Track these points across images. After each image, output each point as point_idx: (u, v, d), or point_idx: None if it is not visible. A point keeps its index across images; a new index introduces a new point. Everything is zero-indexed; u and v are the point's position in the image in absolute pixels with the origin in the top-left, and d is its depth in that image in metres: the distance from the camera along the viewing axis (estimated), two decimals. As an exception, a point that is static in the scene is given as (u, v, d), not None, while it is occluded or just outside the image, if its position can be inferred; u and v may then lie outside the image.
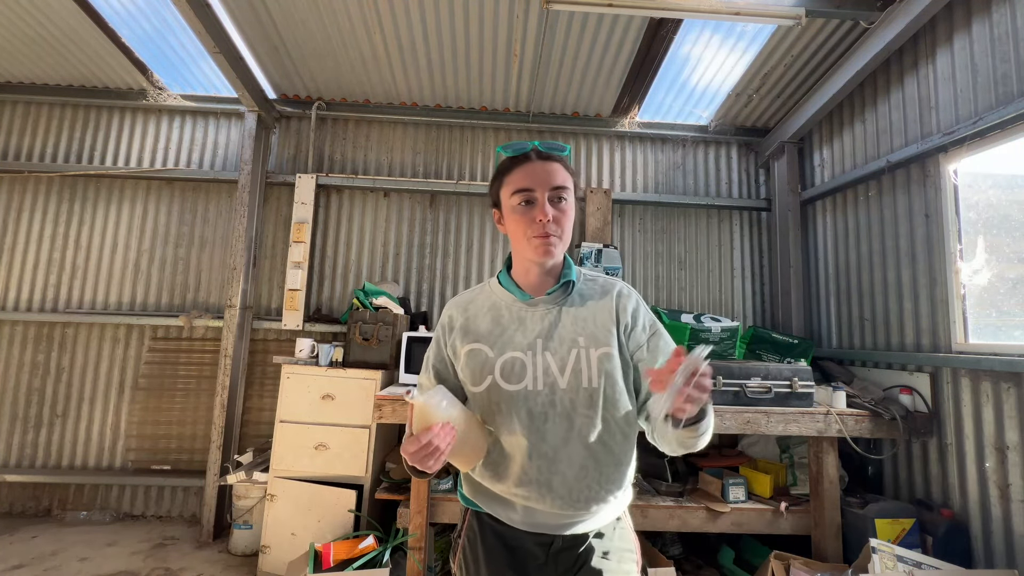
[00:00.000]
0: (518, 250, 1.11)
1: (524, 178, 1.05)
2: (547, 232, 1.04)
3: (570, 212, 1.08)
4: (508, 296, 1.13)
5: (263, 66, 3.43)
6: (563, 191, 1.06)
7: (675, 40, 2.99)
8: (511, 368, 1.05)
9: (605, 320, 1.10)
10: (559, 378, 1.04)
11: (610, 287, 1.16)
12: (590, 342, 1.06)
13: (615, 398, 1.05)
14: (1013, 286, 2.34)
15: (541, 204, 1.03)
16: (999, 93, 2.26)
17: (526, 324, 1.09)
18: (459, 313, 1.16)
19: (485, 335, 1.10)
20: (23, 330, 3.58)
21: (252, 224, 3.56)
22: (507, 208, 1.09)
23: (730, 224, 3.96)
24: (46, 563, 2.78)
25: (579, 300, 1.12)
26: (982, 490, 2.27)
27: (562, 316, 1.10)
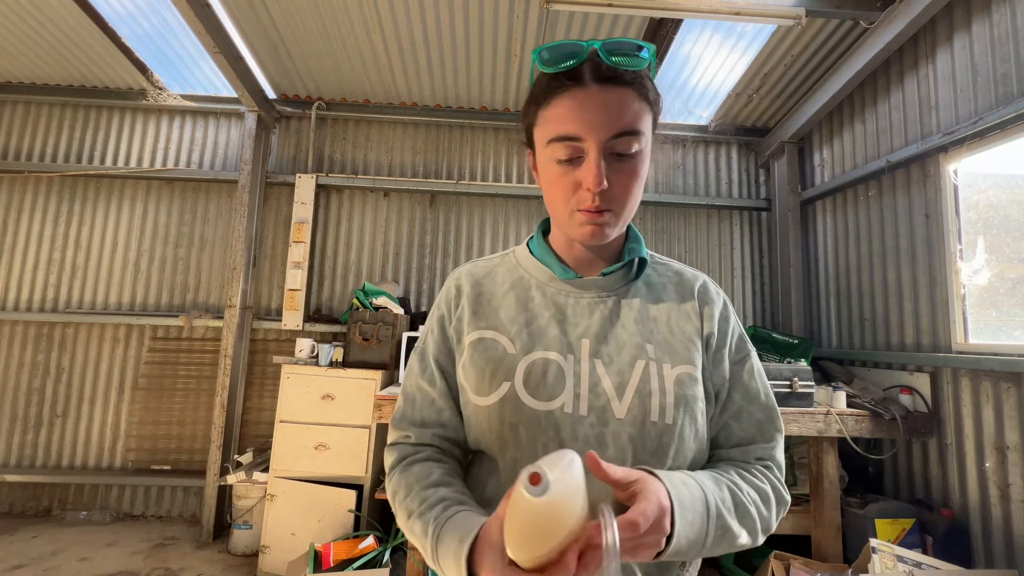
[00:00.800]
0: (557, 223, 0.76)
1: (569, 116, 0.67)
2: (598, 207, 0.68)
3: (641, 170, 0.70)
4: (543, 271, 0.79)
5: (263, 66, 3.43)
6: (633, 139, 0.67)
7: (675, 40, 2.99)
8: (541, 374, 0.69)
9: (685, 326, 0.76)
10: (614, 401, 0.68)
11: (692, 280, 0.82)
12: (664, 354, 0.72)
13: (690, 446, 0.70)
14: (1013, 286, 2.34)
15: (593, 163, 0.66)
16: (999, 93, 2.26)
17: (567, 315, 0.74)
18: (469, 284, 0.81)
19: (504, 322, 0.75)
20: (23, 330, 3.58)
21: (252, 224, 3.56)
22: (542, 159, 0.72)
23: (730, 224, 3.96)
24: (46, 563, 2.78)
25: (647, 291, 0.78)
26: (982, 490, 2.27)
27: (622, 310, 0.75)
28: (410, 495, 0.71)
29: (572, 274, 0.76)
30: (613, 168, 0.67)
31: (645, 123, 0.69)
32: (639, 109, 0.68)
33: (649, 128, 0.71)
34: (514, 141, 3.95)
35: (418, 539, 0.68)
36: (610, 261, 0.79)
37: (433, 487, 0.70)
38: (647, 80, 0.70)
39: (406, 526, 0.71)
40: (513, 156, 3.94)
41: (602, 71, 0.67)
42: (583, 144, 0.67)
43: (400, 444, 0.79)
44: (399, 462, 0.77)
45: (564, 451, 0.50)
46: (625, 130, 0.66)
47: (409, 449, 0.77)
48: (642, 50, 0.68)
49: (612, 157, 0.67)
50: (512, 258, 0.85)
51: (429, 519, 0.66)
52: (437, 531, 0.64)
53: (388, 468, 0.78)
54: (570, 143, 0.67)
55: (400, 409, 0.81)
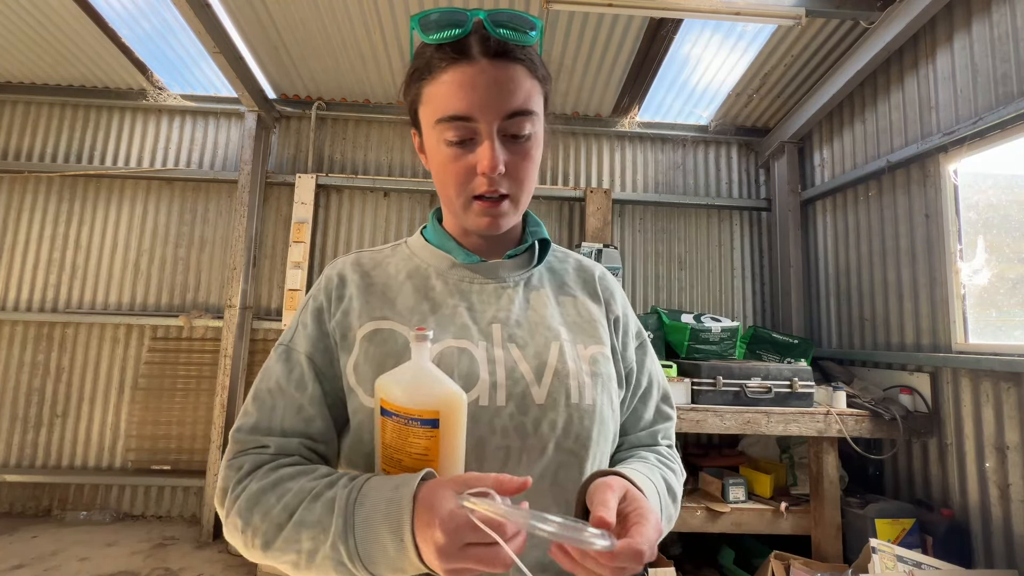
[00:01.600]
0: (451, 210, 0.69)
1: (458, 95, 0.60)
2: (496, 191, 0.63)
3: (535, 154, 0.65)
4: (442, 258, 0.72)
5: (263, 66, 3.43)
6: (526, 120, 0.62)
7: (675, 40, 2.99)
8: (453, 366, 0.62)
9: (592, 310, 0.74)
10: (533, 386, 0.63)
11: (591, 266, 0.81)
12: (576, 335, 0.70)
13: (609, 426, 0.67)
14: (1013, 286, 2.34)
15: (487, 146, 0.61)
16: (999, 93, 2.26)
17: (473, 301, 0.68)
18: (356, 273, 0.71)
19: (403, 312, 0.66)
20: (23, 330, 3.58)
21: (252, 224, 3.56)
22: (430, 141, 0.66)
23: (730, 224, 3.96)
24: (46, 563, 2.78)
25: (551, 276, 0.76)
26: (982, 490, 2.27)
27: (530, 294, 0.72)
28: (289, 492, 0.55)
29: (475, 258, 0.70)
30: (508, 151, 0.62)
31: (538, 103, 0.65)
32: (531, 88, 0.63)
33: (542, 109, 0.67)
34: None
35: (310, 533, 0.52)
36: (510, 245, 0.75)
37: (329, 475, 0.57)
38: (536, 57, 0.66)
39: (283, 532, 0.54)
40: (513, 156, 3.93)
41: (491, 45, 0.61)
42: (475, 125, 0.61)
43: (251, 454, 0.62)
44: (254, 470, 0.60)
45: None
46: (519, 109, 0.61)
47: (267, 457, 0.61)
48: (532, 26, 0.63)
49: (506, 139, 0.62)
50: (405, 248, 0.76)
51: (335, 494, 0.53)
52: (351, 497, 0.51)
53: (231, 485, 0.59)
54: (461, 123, 0.61)
55: (250, 418, 0.64)
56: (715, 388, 2.54)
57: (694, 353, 2.86)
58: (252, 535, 0.56)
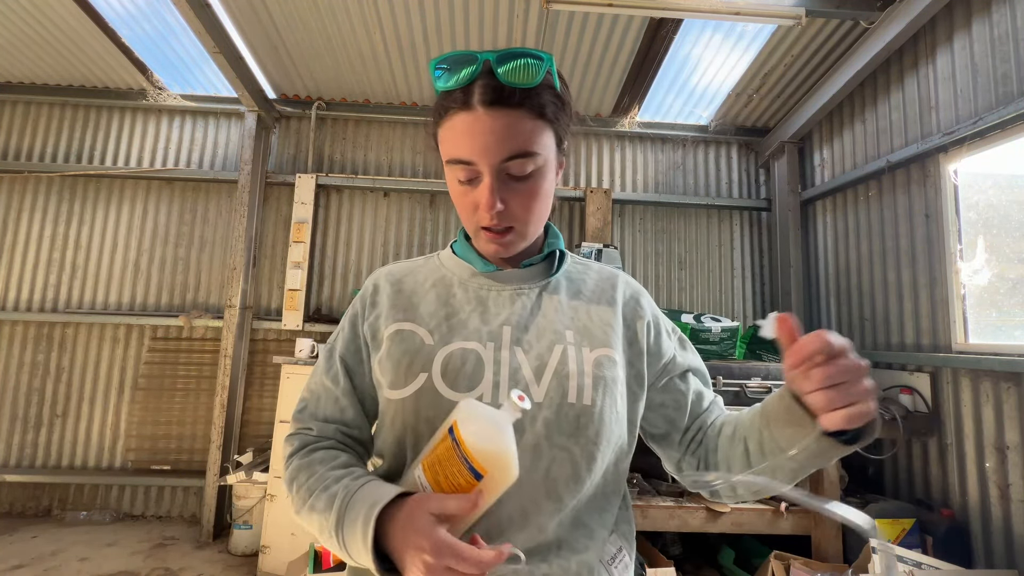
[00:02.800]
0: (467, 231, 0.78)
1: (461, 141, 0.67)
2: (498, 226, 0.70)
3: (540, 188, 0.70)
4: (464, 267, 0.79)
5: (263, 66, 3.43)
6: (527, 161, 0.66)
7: (675, 40, 2.99)
8: (460, 364, 0.69)
9: (605, 315, 0.77)
10: (532, 386, 0.68)
11: (611, 273, 0.84)
12: (583, 339, 0.73)
13: (611, 428, 0.70)
14: (1013, 286, 2.34)
15: (486, 187, 0.67)
16: (999, 93, 2.26)
17: (488, 306, 0.75)
18: (388, 282, 0.81)
19: (424, 315, 0.75)
20: (23, 330, 3.58)
21: (252, 224, 3.56)
22: (447, 172, 0.73)
23: (730, 224, 3.96)
24: (46, 563, 2.78)
25: (567, 285, 0.80)
26: (982, 490, 2.27)
27: (543, 301, 0.76)
28: (313, 476, 0.68)
29: (492, 267, 0.78)
30: (510, 188, 0.68)
31: (540, 142, 0.68)
32: (532, 128, 0.67)
33: (548, 145, 0.69)
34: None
35: (318, 518, 0.64)
36: (529, 255, 0.81)
37: (342, 467, 0.69)
38: (543, 95, 0.68)
39: (306, 507, 0.67)
40: (513, 156, 3.94)
41: (488, 94, 0.65)
42: (477, 167, 0.67)
43: (301, 434, 0.77)
44: (300, 449, 0.75)
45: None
46: (516, 153, 0.66)
47: (311, 439, 0.76)
48: (540, 61, 0.66)
49: (508, 178, 0.68)
50: (435, 260, 0.85)
51: (336, 491, 0.64)
52: (345, 500, 0.62)
53: (287, 456, 0.76)
54: (464, 166, 0.68)
55: (303, 404, 0.80)
56: (715, 388, 2.54)
57: (694, 353, 2.86)
58: (292, 502, 0.71)
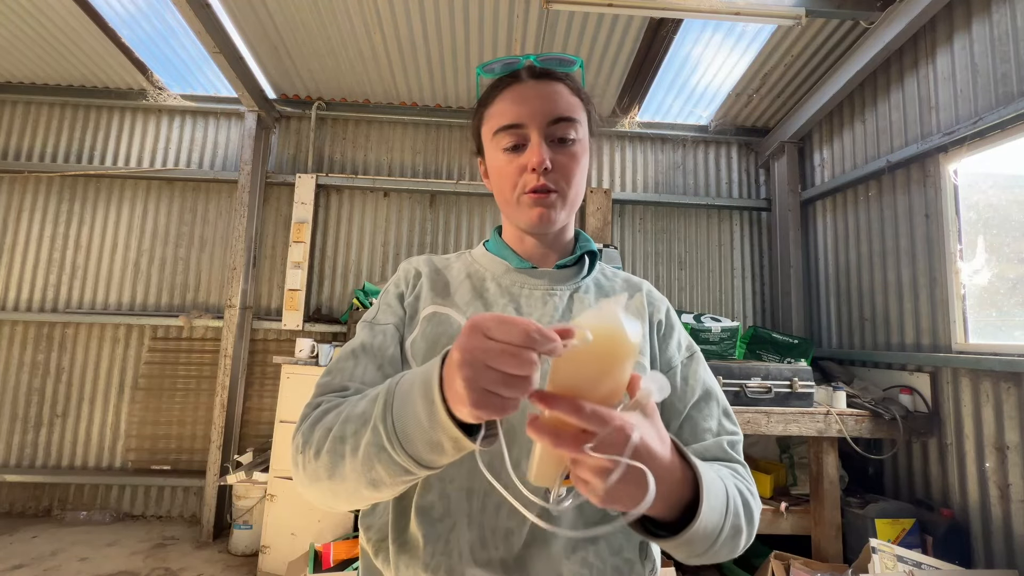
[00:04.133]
0: (507, 214, 0.78)
1: (511, 108, 0.73)
2: (544, 185, 0.72)
3: (581, 157, 0.75)
4: (498, 263, 0.81)
5: (263, 66, 3.43)
6: (570, 126, 0.73)
7: (675, 40, 2.99)
8: None
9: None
10: None
11: (638, 282, 0.87)
12: None
13: None
14: (1013, 286, 2.34)
15: (536, 144, 0.71)
16: (999, 93, 2.26)
17: (520, 304, 0.76)
18: (427, 268, 0.81)
19: (459, 303, 0.76)
20: (23, 330, 3.58)
21: (252, 224, 3.56)
22: (490, 154, 0.77)
23: (730, 224, 3.96)
24: (46, 563, 2.78)
25: (596, 290, 0.81)
26: (982, 490, 2.27)
27: (574, 304, 0.77)
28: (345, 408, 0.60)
29: (527, 263, 0.79)
30: (555, 151, 0.73)
31: (580, 115, 0.75)
32: (573, 101, 0.75)
33: (585, 123, 0.77)
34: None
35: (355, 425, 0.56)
36: (561, 255, 0.82)
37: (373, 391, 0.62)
38: (577, 82, 0.79)
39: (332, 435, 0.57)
40: (513, 156, 3.93)
41: (534, 71, 0.76)
42: (525, 131, 0.72)
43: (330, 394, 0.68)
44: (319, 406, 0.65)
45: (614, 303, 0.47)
46: (562, 116, 0.72)
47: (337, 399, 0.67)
48: (572, 62, 0.78)
49: (553, 144, 0.73)
50: (468, 256, 0.86)
51: (380, 389, 0.57)
52: (394, 382, 0.55)
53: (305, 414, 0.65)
54: (514, 131, 0.73)
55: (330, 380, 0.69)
56: (715, 388, 2.54)
57: (694, 353, 2.86)
58: (309, 449, 0.60)
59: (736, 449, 0.75)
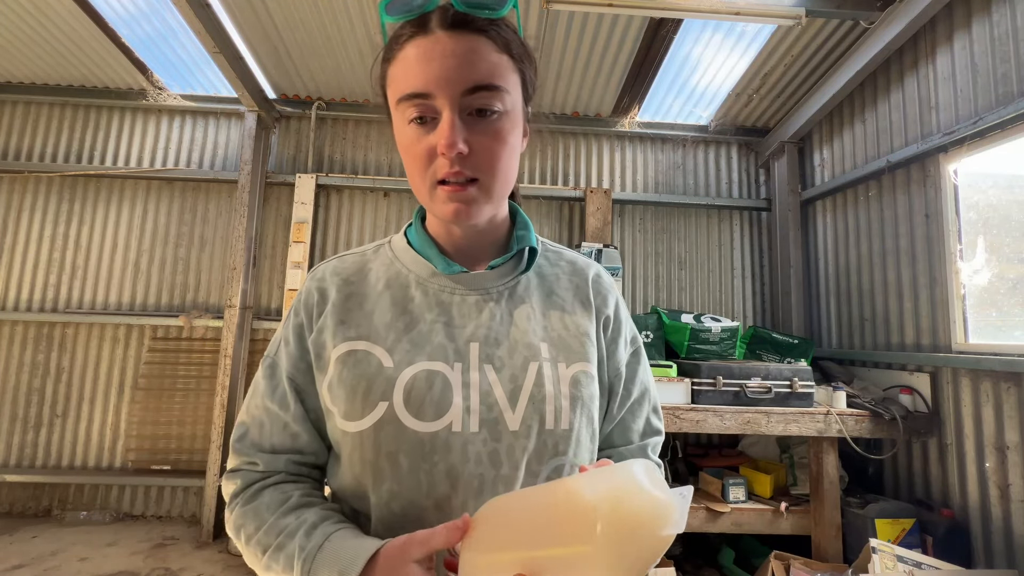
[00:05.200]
0: (420, 196, 0.64)
1: (415, 70, 0.57)
2: (458, 174, 0.58)
3: (507, 135, 0.60)
4: (423, 265, 0.68)
5: (263, 66, 3.43)
6: (492, 95, 0.58)
7: (675, 40, 2.99)
8: (425, 391, 0.60)
9: (581, 320, 0.69)
10: (507, 412, 0.60)
11: (585, 267, 0.75)
12: (559, 352, 0.65)
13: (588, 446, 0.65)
14: (1013, 286, 2.34)
15: (446, 122, 0.56)
16: (999, 93, 2.26)
17: (452, 315, 0.65)
18: (335, 286, 0.68)
19: (379, 329, 0.64)
20: (23, 330, 3.58)
21: (252, 224, 3.56)
22: (396, 126, 0.63)
23: (730, 224, 3.96)
24: (46, 563, 2.78)
25: (539, 284, 0.71)
26: (982, 490, 2.27)
27: (515, 307, 0.67)
28: (263, 528, 0.60)
29: (457, 268, 0.67)
30: (473, 130, 0.58)
31: (508, 80, 0.60)
32: (499, 62, 0.59)
33: (517, 89, 0.61)
34: (514, 141, 3.94)
35: (280, 568, 0.57)
36: (496, 248, 0.71)
37: (294, 511, 0.60)
38: (510, 33, 0.61)
39: (261, 565, 0.59)
40: (513, 156, 3.93)
41: (448, 17, 0.58)
42: (434, 102, 0.57)
43: (244, 471, 0.66)
44: (244, 489, 0.65)
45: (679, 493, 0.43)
46: (481, 83, 0.57)
47: (256, 476, 0.65)
48: (502, 4, 0.59)
49: (471, 117, 0.58)
50: (387, 251, 0.73)
51: (293, 550, 0.56)
52: (308, 564, 0.54)
53: (229, 498, 0.66)
54: (420, 101, 0.57)
55: (242, 430, 0.67)
56: (715, 388, 2.54)
57: (694, 353, 2.86)
58: (244, 554, 0.63)
59: (656, 450, 0.77)
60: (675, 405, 2.49)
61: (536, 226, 3.84)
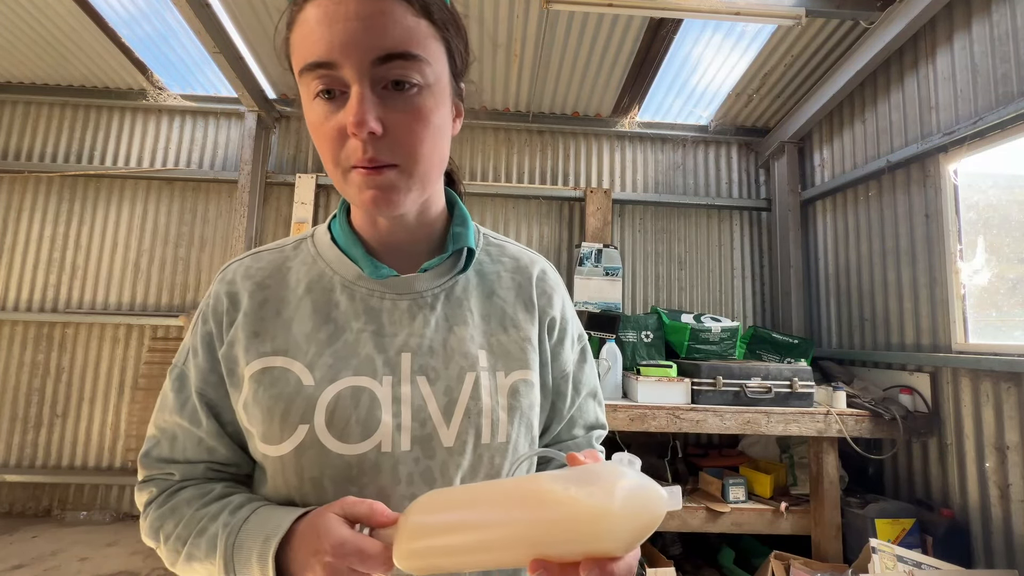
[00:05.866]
0: (336, 183, 0.56)
1: (316, 34, 0.50)
2: (372, 160, 0.51)
3: (430, 113, 0.53)
4: (348, 267, 0.62)
5: (263, 66, 3.43)
6: (409, 65, 0.50)
7: (675, 40, 2.99)
8: (350, 409, 0.55)
9: (522, 324, 0.64)
10: (441, 428, 0.56)
11: (529, 264, 0.70)
12: (498, 360, 0.61)
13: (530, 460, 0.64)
14: (1013, 286, 2.34)
15: (354, 96, 0.49)
16: (999, 93, 2.26)
17: (383, 323, 0.59)
18: (247, 291, 0.61)
19: (299, 341, 0.58)
20: (23, 330, 3.58)
21: (252, 224, 3.56)
22: (303, 100, 0.55)
23: (730, 224, 3.96)
24: (46, 563, 2.78)
25: (478, 284, 0.65)
26: (982, 490, 2.27)
27: (451, 311, 0.62)
28: (182, 521, 0.56)
29: (386, 271, 0.59)
30: (389, 106, 0.50)
31: (429, 48, 0.52)
32: (416, 27, 0.51)
33: (438, 60, 0.53)
34: (514, 141, 3.94)
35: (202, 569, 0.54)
36: (431, 246, 0.64)
37: (217, 500, 0.57)
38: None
39: (181, 560, 0.55)
40: (513, 156, 3.93)
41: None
42: (340, 72, 0.49)
43: (158, 479, 0.62)
44: (160, 495, 0.60)
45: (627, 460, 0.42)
46: (394, 51, 0.49)
47: (172, 483, 0.61)
48: None
49: (386, 92, 0.51)
50: (309, 246, 0.66)
51: (216, 531, 0.53)
52: (230, 541, 0.51)
53: (143, 506, 0.61)
54: (323, 72, 0.50)
55: (153, 443, 0.62)
56: (715, 388, 2.54)
57: (694, 353, 2.86)
58: (163, 558, 0.58)
59: (600, 441, 0.76)
60: (675, 405, 2.49)
61: (536, 226, 3.84)
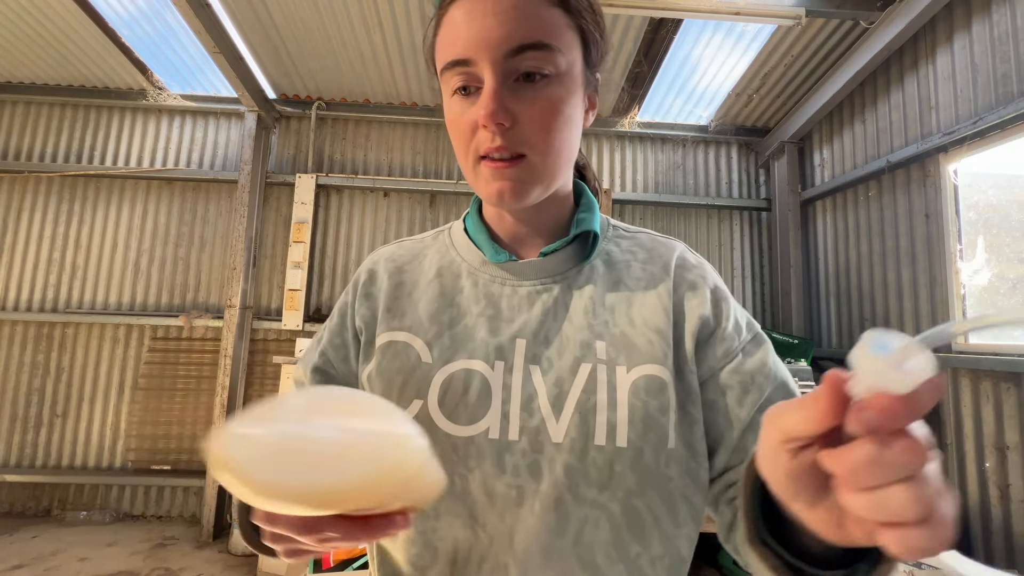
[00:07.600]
0: (467, 177, 0.57)
1: (456, 33, 0.51)
2: (501, 149, 0.51)
3: (561, 103, 0.52)
4: (475, 254, 0.61)
5: (263, 66, 3.43)
6: (541, 56, 0.50)
7: (675, 40, 2.99)
8: (462, 391, 0.53)
9: (653, 315, 0.56)
10: (550, 421, 0.52)
11: (667, 252, 0.62)
12: (619, 353, 0.54)
13: (664, 472, 0.51)
14: (1013, 286, 2.34)
15: (488, 88, 0.49)
16: (999, 93, 2.26)
17: (500, 309, 0.58)
18: (387, 272, 0.63)
19: (423, 320, 0.58)
20: (23, 330, 3.58)
21: (252, 224, 3.56)
22: (444, 100, 0.56)
23: (730, 224, 3.96)
24: (46, 563, 2.78)
25: (605, 273, 0.60)
26: (982, 490, 2.27)
27: (572, 299, 0.58)
28: None
29: (505, 255, 0.59)
30: (520, 97, 0.50)
31: (562, 38, 0.51)
32: (549, 17, 0.50)
33: (572, 50, 0.53)
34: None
35: None
36: (554, 234, 0.62)
37: None
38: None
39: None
40: (513, 156, 3.93)
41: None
42: (475, 68, 0.50)
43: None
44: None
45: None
46: (527, 42, 0.49)
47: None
48: None
49: (519, 84, 0.50)
50: (446, 236, 0.66)
51: None
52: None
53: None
54: (460, 69, 0.51)
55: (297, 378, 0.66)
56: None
57: (694, 353, 2.86)
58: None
59: None
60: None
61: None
